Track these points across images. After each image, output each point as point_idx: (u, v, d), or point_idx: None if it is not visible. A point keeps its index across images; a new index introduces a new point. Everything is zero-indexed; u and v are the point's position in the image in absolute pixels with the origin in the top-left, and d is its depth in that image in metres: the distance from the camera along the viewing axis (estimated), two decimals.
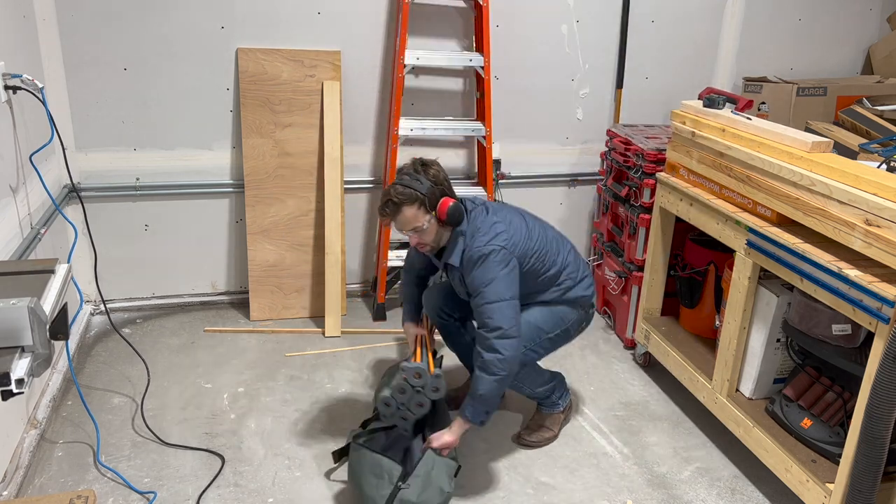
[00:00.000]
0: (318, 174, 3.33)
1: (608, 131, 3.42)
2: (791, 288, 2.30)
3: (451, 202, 2.23)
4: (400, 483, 2.09)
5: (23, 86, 2.35)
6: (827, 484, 2.05)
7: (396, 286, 3.58)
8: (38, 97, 2.40)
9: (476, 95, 3.44)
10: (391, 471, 2.11)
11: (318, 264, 3.40)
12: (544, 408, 2.63)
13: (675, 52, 3.70)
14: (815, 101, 3.49)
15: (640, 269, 3.12)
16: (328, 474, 2.38)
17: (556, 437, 2.61)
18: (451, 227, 2.28)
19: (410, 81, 3.37)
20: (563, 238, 2.51)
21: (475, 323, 2.29)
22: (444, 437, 2.23)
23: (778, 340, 2.43)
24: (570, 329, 2.48)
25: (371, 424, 2.38)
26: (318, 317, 3.44)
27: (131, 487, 2.26)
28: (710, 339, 2.86)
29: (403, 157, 3.37)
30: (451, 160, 3.59)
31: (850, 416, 1.96)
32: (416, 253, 2.56)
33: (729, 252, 2.49)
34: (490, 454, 2.52)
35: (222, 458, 2.42)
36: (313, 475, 2.38)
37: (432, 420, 2.43)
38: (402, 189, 2.19)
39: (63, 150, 2.61)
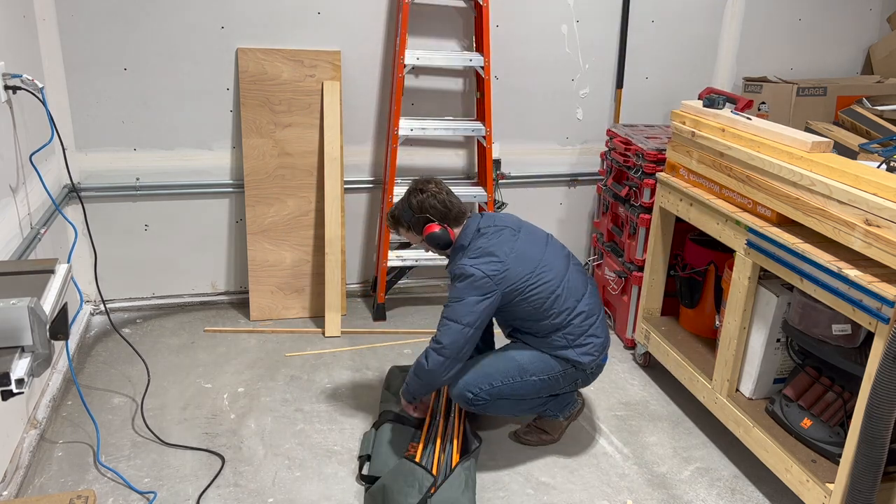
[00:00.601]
0: (318, 174, 3.33)
1: (608, 131, 3.42)
2: (791, 288, 2.30)
3: (433, 230, 2.32)
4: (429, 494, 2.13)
5: (23, 86, 2.35)
6: (827, 484, 2.05)
7: (396, 286, 3.58)
8: (38, 97, 2.40)
9: (476, 95, 3.44)
10: (423, 480, 2.14)
11: (318, 264, 3.40)
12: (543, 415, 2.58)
13: (675, 52, 3.70)
14: (815, 101, 3.49)
15: (640, 269, 3.12)
16: (328, 474, 2.39)
17: (555, 440, 2.58)
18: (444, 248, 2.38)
19: (410, 81, 3.37)
20: (589, 297, 2.39)
21: None
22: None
23: (778, 340, 2.43)
24: (558, 379, 2.38)
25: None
26: (318, 317, 3.44)
27: (131, 487, 2.26)
28: (710, 339, 2.86)
29: (403, 157, 3.40)
30: (451, 160, 3.59)
31: (850, 416, 1.96)
32: None
33: (729, 252, 2.49)
34: (490, 454, 2.52)
35: (222, 458, 2.42)
36: (313, 475, 2.38)
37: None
38: (392, 214, 2.43)
39: (63, 150, 2.61)
